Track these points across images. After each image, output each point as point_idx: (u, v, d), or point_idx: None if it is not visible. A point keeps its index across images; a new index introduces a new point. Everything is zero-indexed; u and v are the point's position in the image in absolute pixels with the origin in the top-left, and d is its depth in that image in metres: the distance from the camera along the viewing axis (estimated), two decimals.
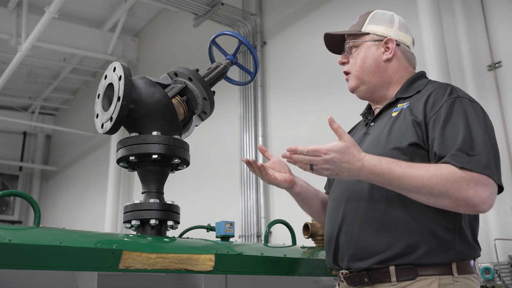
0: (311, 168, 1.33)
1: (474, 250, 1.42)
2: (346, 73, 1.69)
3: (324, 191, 1.82)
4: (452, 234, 1.38)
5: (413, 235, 1.37)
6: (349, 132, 1.79)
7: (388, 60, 1.61)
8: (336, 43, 1.74)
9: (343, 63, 1.70)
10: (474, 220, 1.45)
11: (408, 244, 1.36)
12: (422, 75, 1.64)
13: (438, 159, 1.35)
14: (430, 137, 1.40)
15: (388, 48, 1.61)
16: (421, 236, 1.37)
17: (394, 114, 1.52)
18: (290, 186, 1.67)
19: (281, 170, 1.67)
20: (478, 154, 1.31)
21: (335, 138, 1.74)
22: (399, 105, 1.54)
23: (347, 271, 1.47)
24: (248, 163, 1.55)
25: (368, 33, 1.64)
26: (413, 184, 1.30)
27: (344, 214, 1.48)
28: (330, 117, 1.33)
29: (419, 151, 1.41)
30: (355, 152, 1.33)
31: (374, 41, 1.63)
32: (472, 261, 1.42)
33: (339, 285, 1.57)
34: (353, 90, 1.67)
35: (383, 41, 1.62)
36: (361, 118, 1.76)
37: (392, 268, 1.37)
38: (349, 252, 1.44)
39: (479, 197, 1.28)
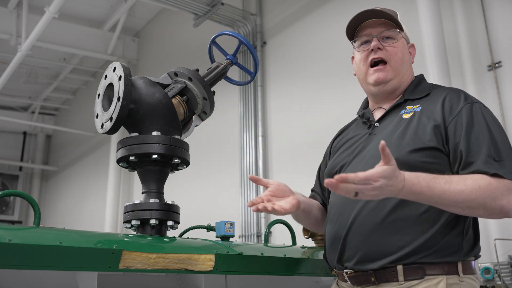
0: (356, 194, 1.21)
1: (475, 250, 1.44)
2: (379, 61, 1.59)
3: (311, 193, 1.81)
4: (460, 234, 1.40)
5: (423, 236, 1.37)
6: (341, 132, 1.79)
7: (412, 63, 1.68)
8: (351, 27, 1.66)
9: (378, 48, 1.58)
10: (475, 222, 1.47)
11: (418, 245, 1.37)
12: (424, 78, 1.68)
13: (465, 164, 1.37)
14: (451, 141, 1.41)
15: (410, 52, 1.66)
16: (431, 236, 1.37)
17: (405, 116, 1.52)
18: (297, 208, 1.54)
19: (284, 195, 1.52)
20: (504, 160, 1.34)
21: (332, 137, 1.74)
22: (408, 107, 1.55)
23: (351, 270, 1.46)
24: (258, 210, 1.39)
25: (403, 30, 1.65)
26: (453, 200, 1.30)
27: (355, 215, 1.46)
28: (383, 143, 1.20)
29: (438, 154, 1.42)
30: (398, 174, 1.26)
31: (406, 40, 1.66)
32: (473, 262, 1.44)
33: (337, 284, 1.57)
34: (383, 82, 1.58)
35: (410, 44, 1.67)
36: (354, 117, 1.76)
37: (400, 268, 1.37)
38: (359, 253, 1.43)
39: (511, 204, 1.32)
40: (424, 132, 1.43)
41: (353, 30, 1.66)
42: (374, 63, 1.60)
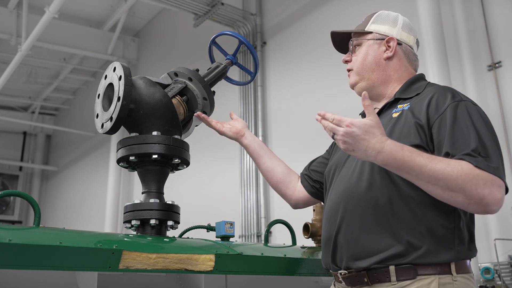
0: (333, 136, 1.33)
1: (471, 250, 1.43)
2: (349, 71, 1.72)
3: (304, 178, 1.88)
4: (452, 234, 1.39)
5: (413, 235, 1.37)
6: None
7: (389, 58, 1.64)
8: (342, 42, 1.77)
9: (346, 61, 1.73)
10: (471, 221, 1.46)
11: (409, 244, 1.36)
12: (421, 77, 1.66)
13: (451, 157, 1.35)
14: (435, 139, 1.40)
15: (389, 46, 1.64)
16: (421, 235, 1.37)
17: (394, 115, 1.53)
18: (238, 136, 1.93)
19: (234, 125, 1.96)
20: (490, 156, 1.32)
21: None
22: (399, 106, 1.55)
23: (345, 271, 1.46)
24: (198, 116, 1.82)
25: (371, 32, 1.68)
26: (433, 175, 1.28)
27: (343, 214, 1.48)
28: (364, 93, 1.33)
29: (423, 151, 1.41)
30: (378, 133, 1.30)
31: (376, 39, 1.66)
32: (468, 261, 1.43)
33: (334, 285, 1.57)
34: (352, 86, 1.71)
35: (385, 39, 1.65)
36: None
37: (392, 268, 1.37)
38: (349, 252, 1.44)
39: (493, 197, 1.28)
40: (409, 130, 1.44)
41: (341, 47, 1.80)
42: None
